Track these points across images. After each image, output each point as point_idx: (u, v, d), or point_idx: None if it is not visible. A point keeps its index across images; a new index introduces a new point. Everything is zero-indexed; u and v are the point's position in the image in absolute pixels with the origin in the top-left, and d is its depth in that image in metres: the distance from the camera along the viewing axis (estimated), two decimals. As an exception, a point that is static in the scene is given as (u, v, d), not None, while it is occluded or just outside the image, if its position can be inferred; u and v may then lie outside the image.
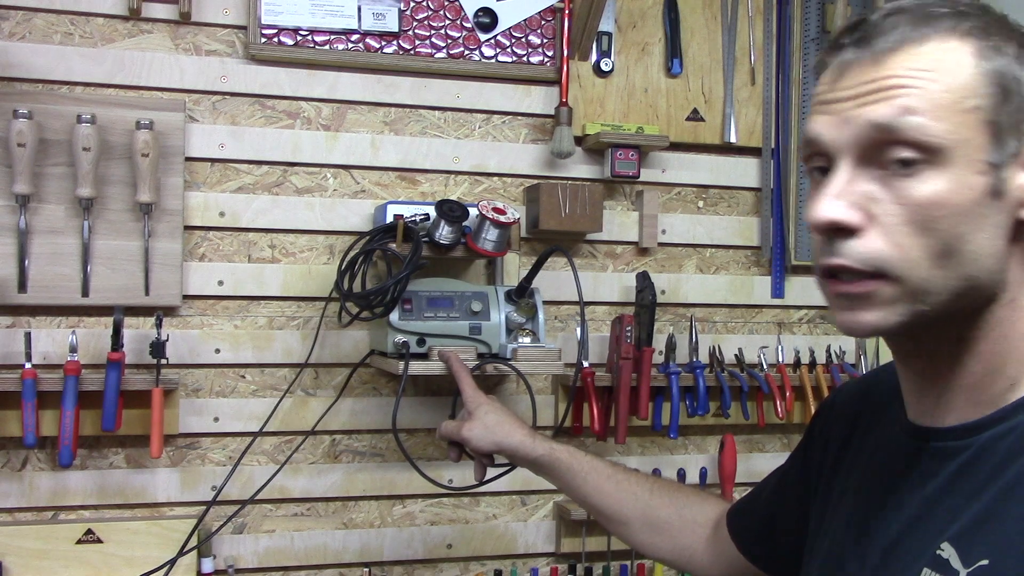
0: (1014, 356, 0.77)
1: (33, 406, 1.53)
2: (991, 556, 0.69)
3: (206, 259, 1.72)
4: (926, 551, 0.75)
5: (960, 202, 0.72)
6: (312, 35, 1.74)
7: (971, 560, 0.70)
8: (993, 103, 0.73)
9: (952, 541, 0.73)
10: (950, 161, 0.72)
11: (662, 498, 1.23)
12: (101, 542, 1.63)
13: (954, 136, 0.72)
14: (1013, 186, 0.74)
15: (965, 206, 0.72)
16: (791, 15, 2.03)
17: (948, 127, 0.72)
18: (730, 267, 2.03)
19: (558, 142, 1.83)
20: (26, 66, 1.62)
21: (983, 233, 0.73)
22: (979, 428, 0.76)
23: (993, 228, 0.73)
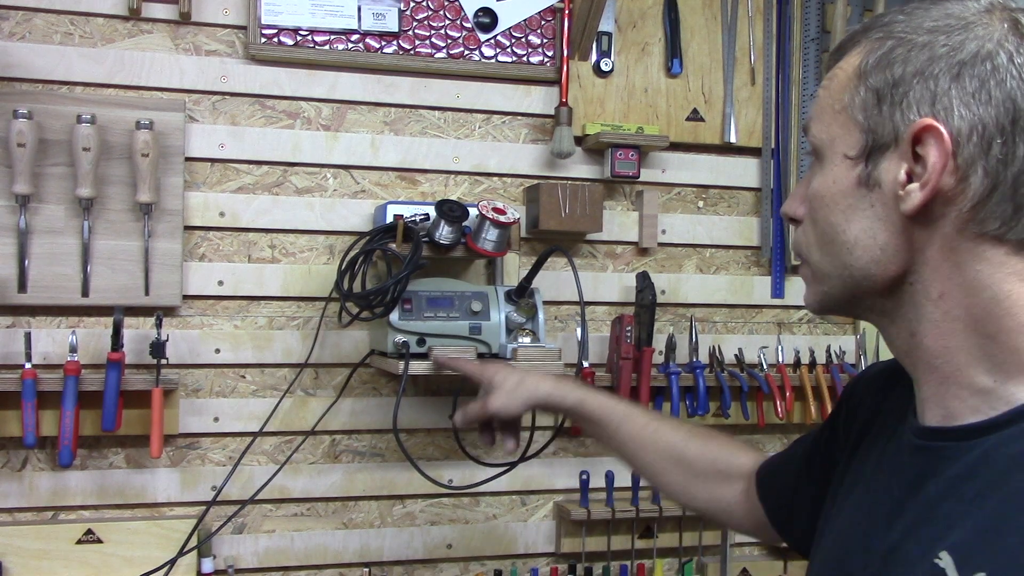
0: (978, 353, 0.76)
1: (33, 406, 1.53)
2: (989, 568, 0.68)
3: (206, 259, 1.72)
4: (924, 558, 0.73)
5: (830, 194, 0.80)
6: (312, 35, 1.74)
7: (968, 571, 0.69)
8: (861, 102, 0.77)
9: (951, 550, 0.71)
10: (825, 158, 0.81)
11: (697, 448, 1.21)
12: (101, 542, 1.63)
13: (825, 135, 0.81)
14: (887, 179, 0.76)
15: (835, 198, 0.80)
16: (791, 15, 2.03)
17: (822, 127, 0.81)
18: (730, 267, 2.03)
19: (558, 142, 1.83)
20: (26, 66, 1.62)
21: (857, 224, 0.78)
22: (982, 431, 0.75)
23: (870, 220, 0.77)
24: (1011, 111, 0.72)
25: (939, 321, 0.77)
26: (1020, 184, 0.72)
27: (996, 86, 0.72)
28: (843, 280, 0.81)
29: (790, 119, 2.03)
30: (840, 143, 0.79)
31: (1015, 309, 0.74)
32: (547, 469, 1.90)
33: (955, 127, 0.72)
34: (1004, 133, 0.72)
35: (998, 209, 0.73)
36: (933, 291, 0.77)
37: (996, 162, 0.72)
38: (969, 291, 0.75)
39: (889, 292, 0.79)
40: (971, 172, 0.72)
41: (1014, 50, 0.73)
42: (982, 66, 0.72)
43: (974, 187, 0.73)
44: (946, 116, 0.73)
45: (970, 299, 0.75)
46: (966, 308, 0.76)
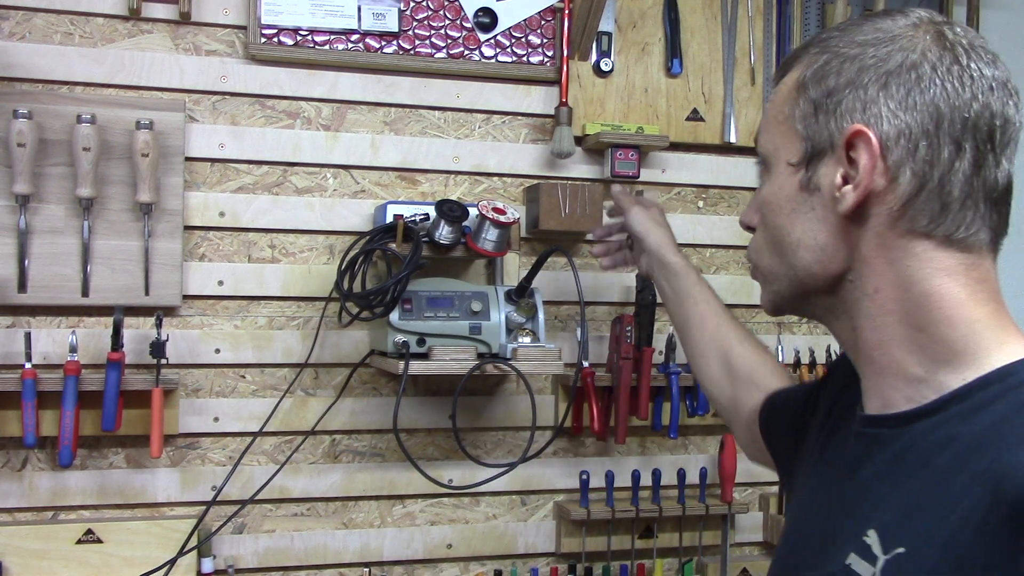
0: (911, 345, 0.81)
1: (33, 406, 1.53)
2: (909, 544, 0.74)
3: (206, 259, 1.72)
4: (855, 537, 0.79)
5: (777, 199, 0.87)
6: (312, 35, 1.74)
7: (891, 547, 0.75)
8: (801, 113, 0.84)
9: (877, 528, 0.77)
10: (771, 166, 0.88)
11: (746, 351, 1.33)
12: (101, 542, 1.63)
13: (771, 145, 0.88)
14: (825, 183, 0.82)
15: (780, 203, 0.86)
16: (791, 15, 2.03)
17: (768, 137, 0.89)
18: (730, 267, 2.03)
19: (558, 142, 1.83)
20: (26, 66, 1.62)
21: (801, 226, 0.85)
22: (911, 418, 0.80)
23: (813, 222, 0.84)
24: (935, 116, 0.78)
25: (875, 315, 0.82)
26: (946, 183, 0.78)
27: (920, 94, 0.78)
28: (790, 280, 0.87)
29: (790, 119, 2.03)
30: (784, 151, 0.86)
31: (943, 303, 0.80)
32: (547, 469, 1.90)
33: (883, 132, 0.79)
34: (929, 136, 0.78)
35: (926, 207, 0.79)
36: (869, 287, 0.82)
37: (923, 163, 0.78)
38: (901, 286, 0.81)
39: (831, 290, 0.85)
40: (900, 173, 0.79)
41: (937, 60, 0.79)
42: (907, 75, 0.79)
43: (903, 187, 0.79)
44: (875, 122, 0.79)
45: (902, 293, 0.81)
46: (899, 302, 0.81)
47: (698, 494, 1.94)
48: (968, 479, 0.72)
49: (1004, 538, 0.67)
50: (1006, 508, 0.68)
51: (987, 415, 0.75)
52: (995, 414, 0.75)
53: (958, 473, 0.73)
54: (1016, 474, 0.68)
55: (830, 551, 0.82)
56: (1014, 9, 2.31)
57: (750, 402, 1.26)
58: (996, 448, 0.72)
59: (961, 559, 0.70)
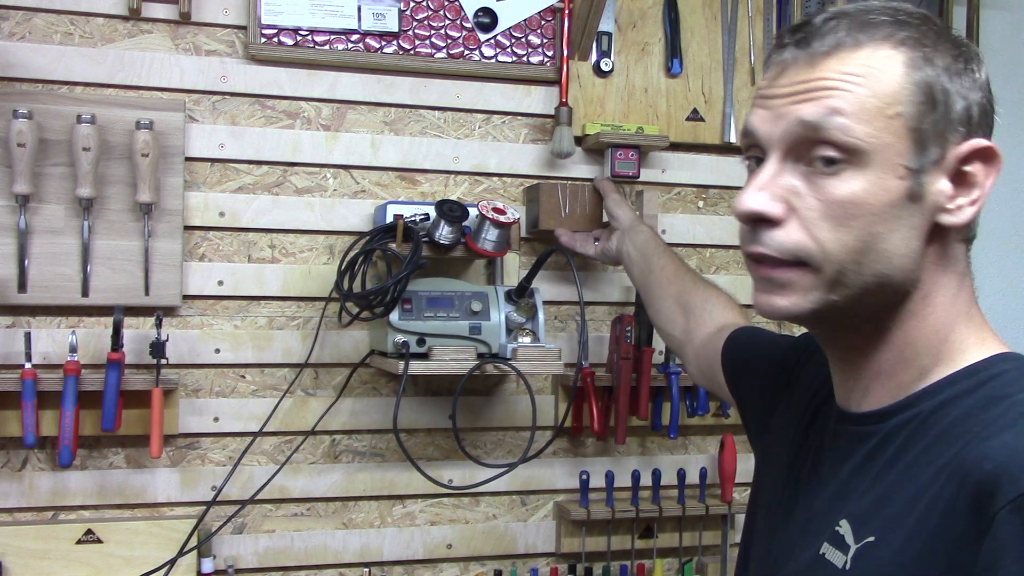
0: (923, 346, 0.82)
1: (33, 406, 1.53)
2: (878, 533, 0.76)
3: (206, 259, 1.72)
4: (829, 526, 0.82)
5: (877, 203, 0.77)
6: (312, 35, 1.74)
7: (861, 536, 0.77)
8: (918, 111, 0.77)
9: (849, 518, 0.80)
10: (870, 163, 0.77)
11: (699, 288, 1.45)
12: (101, 542, 1.63)
13: (875, 140, 0.76)
14: (931, 191, 0.78)
15: (882, 207, 0.77)
16: (791, 15, 2.03)
17: (870, 131, 0.76)
18: (730, 267, 2.03)
19: (558, 142, 1.83)
20: (26, 66, 1.62)
21: (898, 234, 0.78)
22: (889, 414, 0.82)
23: (909, 230, 0.78)
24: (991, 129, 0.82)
25: (914, 317, 0.82)
26: None
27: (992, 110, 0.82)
28: (865, 288, 0.79)
29: (790, 119, 2.03)
30: (892, 151, 0.77)
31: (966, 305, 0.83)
32: (547, 469, 1.90)
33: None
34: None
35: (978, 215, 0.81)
36: (921, 291, 0.82)
37: None
38: (944, 291, 0.82)
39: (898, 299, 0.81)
40: None
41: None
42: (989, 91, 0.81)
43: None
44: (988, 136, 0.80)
45: (944, 297, 0.82)
46: (940, 306, 0.82)
47: (698, 494, 1.94)
48: (935, 470, 0.74)
49: (968, 522, 0.70)
50: (970, 494, 0.70)
51: (955, 409, 0.77)
52: (962, 408, 0.77)
53: (927, 464, 0.76)
54: (980, 463, 0.70)
55: (807, 541, 0.84)
56: (1014, 9, 2.31)
57: (702, 330, 1.35)
58: (963, 439, 0.74)
59: (927, 544, 0.72)
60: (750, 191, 0.82)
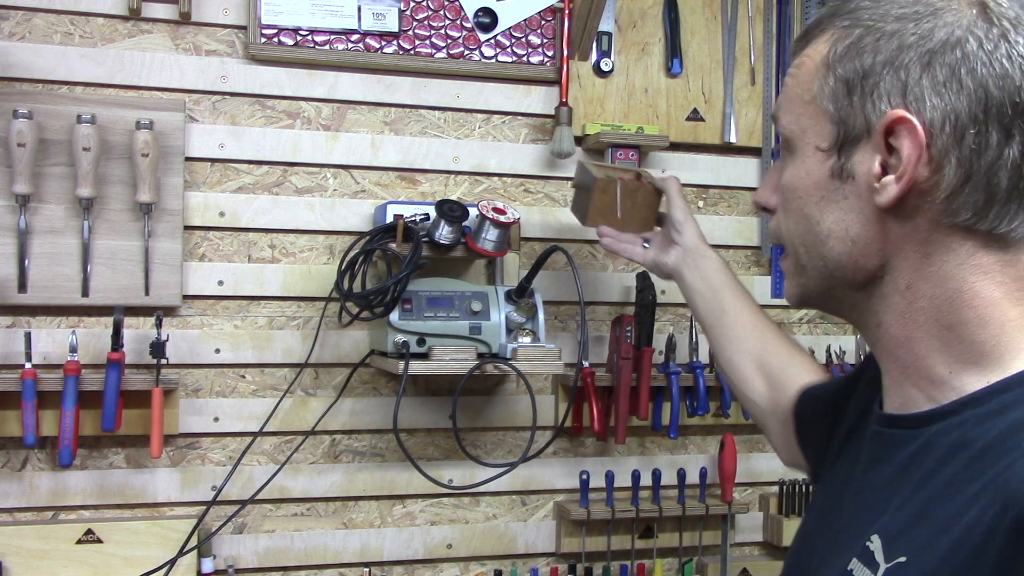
0: (938, 344, 0.76)
1: (33, 406, 1.53)
2: (910, 554, 0.70)
3: (206, 259, 1.72)
4: (860, 540, 0.75)
5: (802, 185, 0.80)
6: (312, 35, 1.74)
7: (892, 555, 0.71)
8: (831, 91, 0.76)
9: (881, 534, 0.74)
10: (796, 149, 0.81)
11: (781, 347, 1.25)
12: (101, 542, 1.63)
13: (795, 126, 0.80)
14: (861, 171, 0.75)
15: (807, 189, 0.79)
16: (791, 15, 2.03)
17: (792, 117, 0.81)
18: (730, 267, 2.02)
19: (558, 142, 1.83)
20: (26, 66, 1.62)
21: (831, 216, 0.78)
22: (928, 420, 0.76)
23: (844, 212, 0.77)
24: (983, 100, 0.70)
25: (904, 311, 0.78)
26: (992, 174, 0.72)
27: (967, 74, 0.71)
28: (819, 272, 0.81)
29: (790, 119, 2.03)
30: (811, 134, 0.79)
31: (975, 301, 0.75)
32: (547, 469, 1.90)
33: (928, 118, 0.71)
34: (977, 122, 0.71)
35: (970, 200, 0.73)
36: (901, 282, 0.77)
37: (969, 152, 0.71)
38: (935, 282, 0.76)
39: (860, 284, 0.80)
40: (945, 163, 0.72)
41: (984, 36, 0.71)
42: (952, 54, 0.71)
43: (948, 178, 0.72)
44: (918, 107, 0.72)
45: (935, 290, 0.76)
46: (930, 299, 0.76)
47: (698, 494, 1.94)
48: (977, 489, 0.68)
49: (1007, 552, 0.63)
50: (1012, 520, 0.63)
51: (1002, 421, 0.70)
52: (1011, 420, 0.70)
53: (968, 481, 0.69)
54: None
55: (837, 552, 0.79)
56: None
57: (784, 402, 1.17)
58: (1009, 456, 0.67)
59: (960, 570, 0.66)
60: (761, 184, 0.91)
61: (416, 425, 1.82)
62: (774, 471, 2.04)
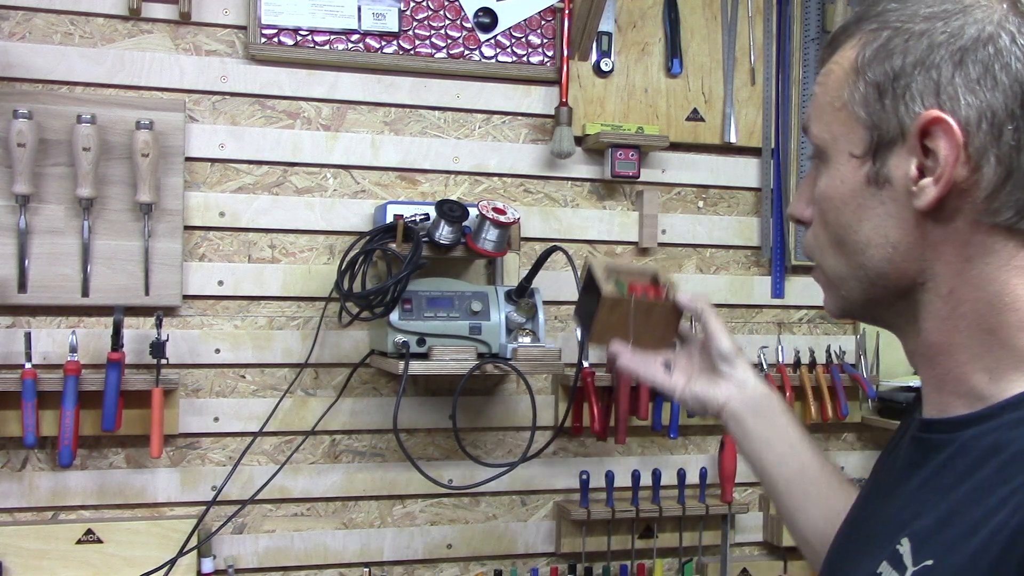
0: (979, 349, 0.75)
1: (33, 406, 1.53)
2: (937, 556, 0.69)
3: (206, 259, 1.72)
4: (890, 543, 0.74)
5: (837, 194, 0.78)
6: (312, 35, 1.74)
7: (920, 559, 0.70)
8: (862, 97, 0.75)
9: (911, 537, 0.72)
10: (830, 158, 0.79)
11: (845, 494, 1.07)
12: (101, 542, 1.63)
13: (827, 135, 0.78)
14: (897, 175, 0.73)
15: (842, 197, 0.77)
16: (791, 15, 2.03)
17: (823, 126, 0.79)
18: (730, 267, 2.03)
19: (558, 142, 1.83)
20: (26, 66, 1.62)
21: (869, 223, 0.76)
22: (965, 424, 0.75)
23: (882, 218, 0.75)
24: (1019, 94, 0.69)
25: (946, 318, 0.75)
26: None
27: (1001, 70, 0.69)
28: (859, 281, 0.79)
29: (790, 119, 2.03)
30: (844, 141, 0.77)
31: (1017, 304, 0.73)
32: (547, 469, 1.90)
33: (963, 116, 0.70)
34: (1014, 118, 0.69)
35: (1011, 198, 0.71)
36: (943, 287, 0.75)
37: (1008, 149, 0.70)
38: (976, 286, 0.74)
39: (903, 292, 0.77)
40: (983, 162, 0.70)
41: (1016, 31, 0.70)
42: (984, 50, 0.70)
43: (987, 177, 0.70)
44: (952, 106, 0.70)
45: (976, 294, 0.74)
46: (972, 303, 0.74)
47: (698, 494, 1.94)
48: (1006, 492, 0.67)
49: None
50: None
51: None
52: None
53: (999, 485, 0.68)
54: None
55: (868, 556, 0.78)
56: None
57: None
58: None
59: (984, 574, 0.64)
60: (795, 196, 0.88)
61: (416, 425, 1.82)
62: None
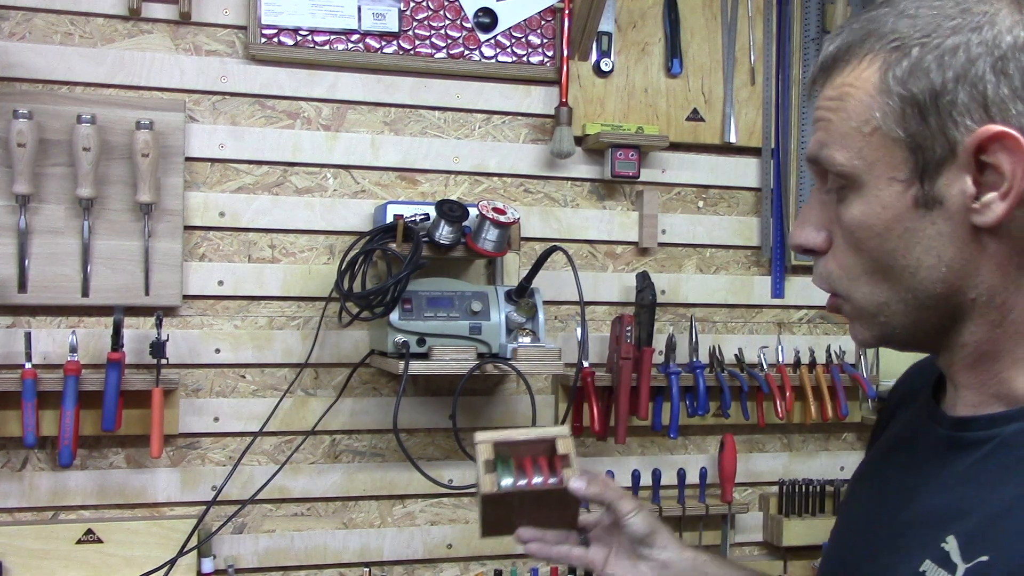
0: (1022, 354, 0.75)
1: (33, 406, 1.53)
2: (992, 552, 0.68)
3: (206, 259, 1.72)
4: (931, 542, 0.74)
5: (880, 222, 0.74)
6: (312, 35, 1.74)
7: (971, 555, 0.69)
8: (898, 118, 0.72)
9: (957, 535, 0.72)
10: (864, 185, 0.74)
11: None
12: (101, 542, 1.63)
13: (860, 161, 0.74)
14: (951, 193, 0.71)
15: (887, 225, 0.73)
16: (791, 15, 2.03)
17: (851, 154, 0.74)
18: (730, 267, 2.03)
19: (558, 142, 1.83)
20: (26, 66, 1.62)
21: (919, 246, 0.73)
22: (1004, 420, 0.75)
23: (933, 239, 0.72)
24: None
25: (996, 325, 0.75)
26: None
27: None
28: (906, 305, 0.75)
29: (790, 119, 2.03)
30: (883, 166, 0.73)
31: None
32: (547, 469, 1.89)
33: (1018, 125, 0.68)
34: None
35: None
36: (997, 297, 0.74)
37: None
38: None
39: (951, 308, 0.75)
40: None
41: None
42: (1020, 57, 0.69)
43: None
44: (1004, 117, 0.69)
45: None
46: (1020, 312, 0.74)
47: (698, 494, 1.94)
48: None
49: None
50: None
51: None
52: None
53: None
54: None
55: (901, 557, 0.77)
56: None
57: None
58: None
59: None
60: (798, 223, 0.81)
61: (416, 425, 1.82)
62: (774, 471, 2.04)
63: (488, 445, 1.07)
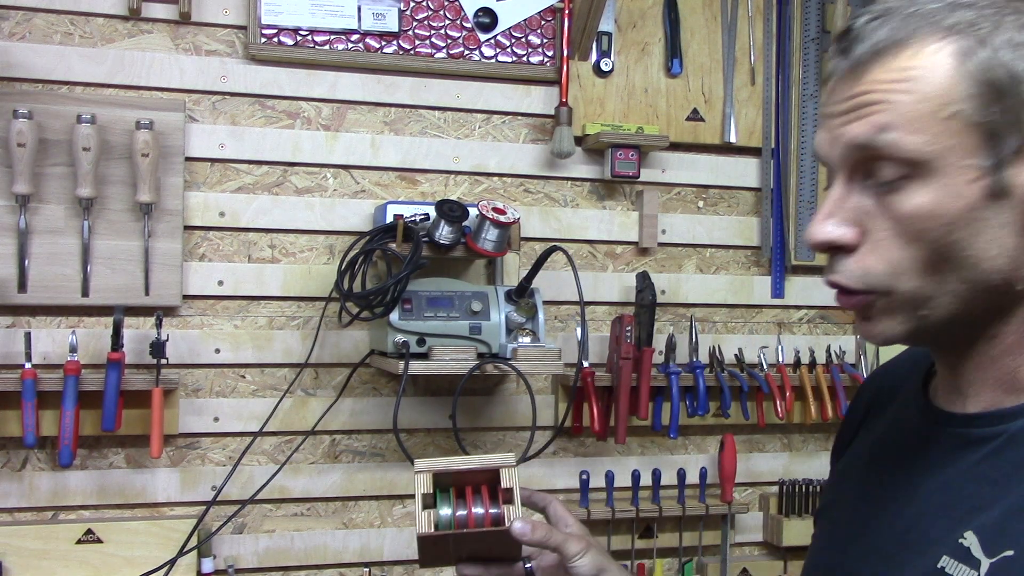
0: None
1: (33, 406, 1.53)
2: (1017, 547, 0.68)
3: (206, 259, 1.72)
4: (946, 539, 0.73)
5: (951, 212, 0.70)
6: (312, 35, 1.74)
7: (996, 550, 0.69)
8: (978, 104, 0.69)
9: (977, 531, 0.71)
10: (936, 172, 0.70)
11: None
12: (101, 542, 1.63)
13: (935, 146, 0.70)
14: (1019, 183, 0.69)
15: (958, 214, 0.70)
16: (791, 15, 2.03)
17: (927, 138, 0.70)
18: (730, 267, 2.03)
19: (558, 142, 1.83)
20: (26, 66, 1.62)
21: (984, 236, 0.70)
22: (1011, 416, 0.74)
23: (996, 229, 0.70)
24: None
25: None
26: None
27: None
28: (955, 297, 0.72)
29: (790, 119, 2.03)
30: (958, 153, 0.69)
31: None
32: (547, 469, 1.90)
33: None
34: None
35: None
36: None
37: None
38: None
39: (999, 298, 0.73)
40: None
41: None
42: None
43: None
44: None
45: None
46: None
47: (698, 494, 1.94)
48: None
49: None
50: None
51: None
52: None
53: None
54: None
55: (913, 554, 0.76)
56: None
57: None
58: None
59: None
60: (819, 218, 0.75)
61: (416, 425, 1.82)
62: (774, 471, 2.04)
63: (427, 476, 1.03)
